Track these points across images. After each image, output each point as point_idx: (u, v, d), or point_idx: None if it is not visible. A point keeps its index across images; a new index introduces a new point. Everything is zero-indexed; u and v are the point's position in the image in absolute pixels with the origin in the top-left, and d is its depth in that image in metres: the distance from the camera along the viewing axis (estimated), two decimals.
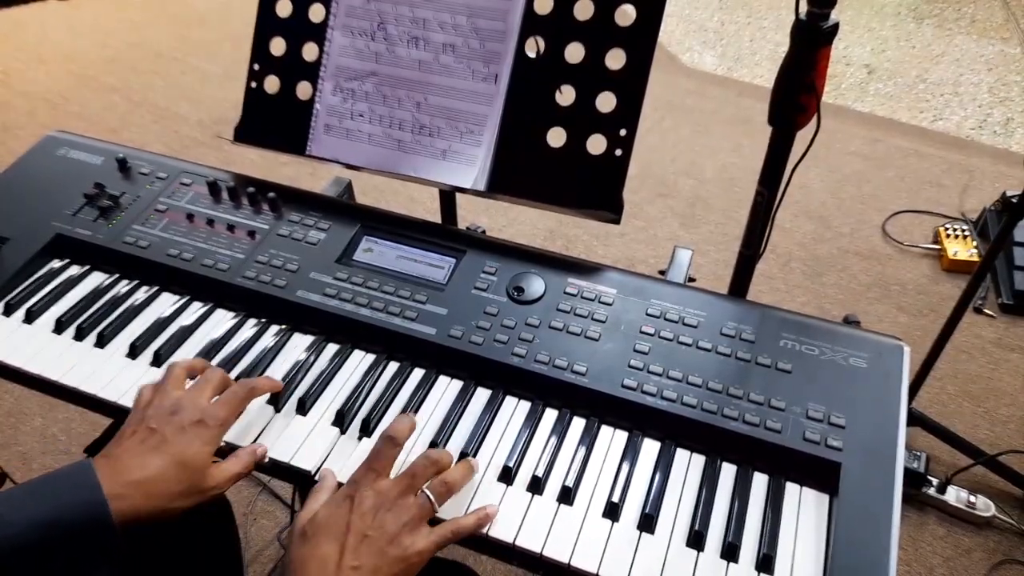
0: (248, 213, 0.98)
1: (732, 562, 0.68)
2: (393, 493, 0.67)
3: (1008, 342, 1.98)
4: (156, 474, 0.66)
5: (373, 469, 0.68)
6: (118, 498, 0.63)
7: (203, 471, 0.69)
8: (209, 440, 0.70)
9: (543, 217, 2.35)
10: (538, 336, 0.83)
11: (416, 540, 0.65)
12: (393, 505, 0.66)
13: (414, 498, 0.68)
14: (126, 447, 0.68)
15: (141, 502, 0.65)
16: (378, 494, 0.66)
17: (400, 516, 0.66)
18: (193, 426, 0.70)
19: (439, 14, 0.95)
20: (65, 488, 0.64)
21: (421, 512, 0.67)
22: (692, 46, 3.39)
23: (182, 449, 0.68)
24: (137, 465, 0.67)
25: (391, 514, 0.65)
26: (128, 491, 0.64)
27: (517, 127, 0.94)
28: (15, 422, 1.78)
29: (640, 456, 0.76)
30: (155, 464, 0.67)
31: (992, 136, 2.77)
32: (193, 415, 0.71)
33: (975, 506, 1.57)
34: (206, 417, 0.71)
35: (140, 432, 0.69)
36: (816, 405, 0.76)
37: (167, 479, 0.67)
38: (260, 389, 0.78)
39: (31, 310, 0.89)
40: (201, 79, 3.14)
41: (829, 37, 1.00)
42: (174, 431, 0.69)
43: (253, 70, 1.04)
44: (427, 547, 0.66)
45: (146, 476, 0.66)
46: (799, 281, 2.17)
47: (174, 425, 0.70)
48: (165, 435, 0.69)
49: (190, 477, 0.68)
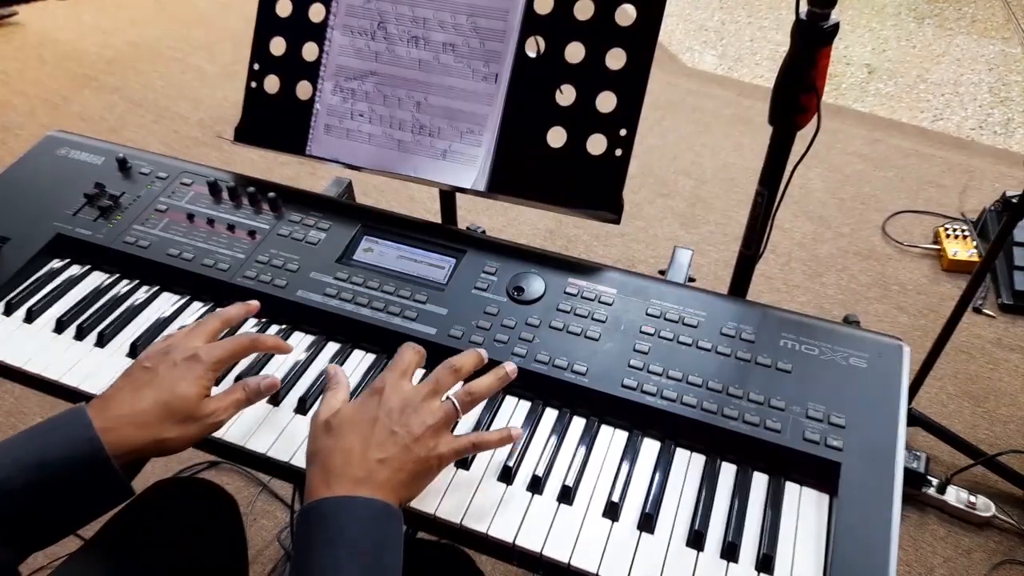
0: (248, 213, 0.98)
1: (732, 562, 0.68)
2: (419, 396, 0.68)
3: (1008, 342, 1.98)
4: (146, 406, 0.67)
5: (399, 370, 0.70)
6: (110, 431, 0.64)
7: (196, 400, 0.69)
8: (201, 373, 0.70)
9: (543, 217, 2.35)
10: (538, 336, 0.83)
11: (439, 443, 0.67)
12: (419, 407, 0.67)
13: (439, 403, 0.69)
14: (119, 386, 0.70)
15: (133, 433, 0.65)
16: (404, 395, 0.68)
17: (425, 418, 0.67)
18: (185, 360, 0.71)
19: (439, 13, 0.95)
20: (56, 430, 0.64)
21: (446, 417, 0.68)
22: (692, 46, 3.39)
23: (173, 381, 0.69)
24: (128, 399, 0.67)
25: (417, 415, 0.67)
26: (119, 424, 0.65)
27: (517, 127, 0.94)
28: (15, 422, 1.78)
29: (640, 456, 0.76)
30: (145, 396, 0.68)
31: (992, 136, 2.77)
32: (186, 352, 0.71)
33: (975, 506, 1.57)
34: (200, 353, 0.71)
35: (134, 371, 0.71)
36: (816, 405, 0.76)
37: (157, 409, 0.67)
38: (264, 343, 0.78)
39: (31, 310, 0.89)
40: (201, 79, 3.14)
41: (829, 37, 1.00)
42: (167, 366, 0.70)
43: (253, 70, 1.04)
44: (448, 452, 0.67)
45: (136, 408, 0.67)
46: (799, 281, 2.17)
47: (167, 361, 0.71)
48: (157, 370, 0.70)
49: (182, 405, 0.68)
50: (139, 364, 0.71)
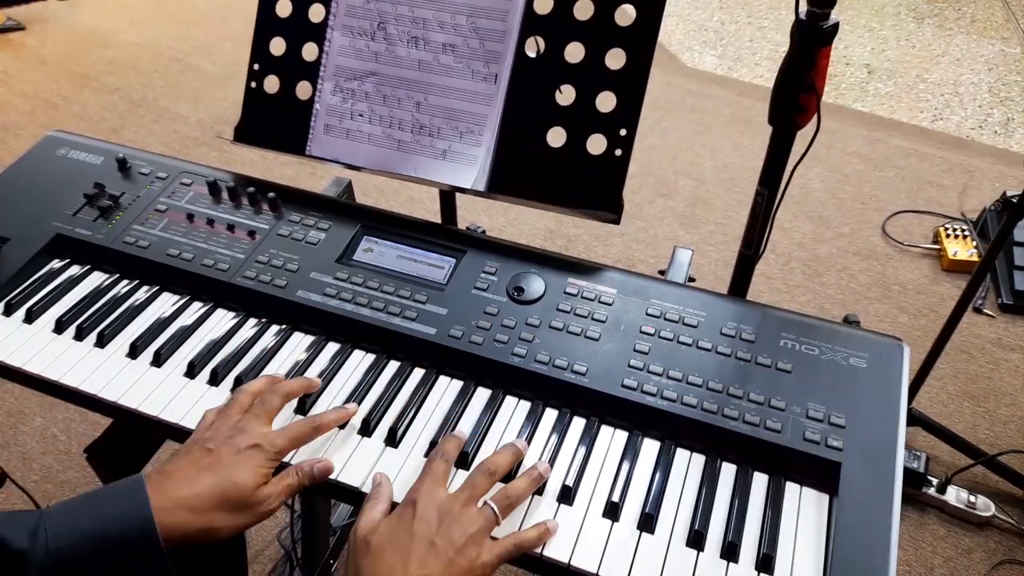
0: (248, 213, 0.98)
1: (732, 562, 0.68)
2: (456, 504, 0.66)
3: (1008, 342, 1.98)
4: (204, 491, 0.66)
5: (433, 480, 0.68)
6: (164, 512, 0.63)
7: (251, 491, 0.68)
8: (263, 463, 0.70)
9: (543, 217, 2.35)
10: (538, 336, 0.83)
11: (482, 552, 0.64)
12: (458, 515, 0.65)
13: (477, 510, 0.67)
14: (180, 465, 0.69)
15: (187, 518, 0.65)
16: (440, 504, 0.66)
17: (466, 527, 0.65)
18: (249, 449, 0.70)
19: (439, 14, 0.95)
20: (114, 501, 0.64)
21: (486, 524, 0.66)
22: (692, 46, 3.39)
23: (234, 469, 0.68)
24: (188, 482, 0.67)
25: (458, 524, 0.65)
26: (175, 506, 0.64)
27: (517, 127, 0.94)
28: (15, 422, 1.78)
29: (640, 456, 0.76)
30: (205, 481, 0.67)
31: (992, 136, 2.77)
32: (250, 439, 0.71)
33: (975, 506, 1.57)
34: (263, 442, 0.71)
35: (196, 452, 0.70)
36: (816, 405, 0.76)
37: (214, 496, 0.66)
38: (326, 426, 0.76)
39: (31, 310, 0.89)
40: (201, 79, 3.14)
41: (829, 37, 1.00)
42: (229, 452, 0.69)
43: (253, 70, 1.04)
44: (492, 560, 0.65)
45: (194, 492, 0.66)
46: (799, 281, 2.17)
47: (230, 447, 0.70)
48: (220, 455, 0.69)
49: (238, 495, 0.67)
50: (202, 444, 0.70)
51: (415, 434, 0.78)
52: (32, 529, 0.60)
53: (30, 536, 0.60)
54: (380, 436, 0.78)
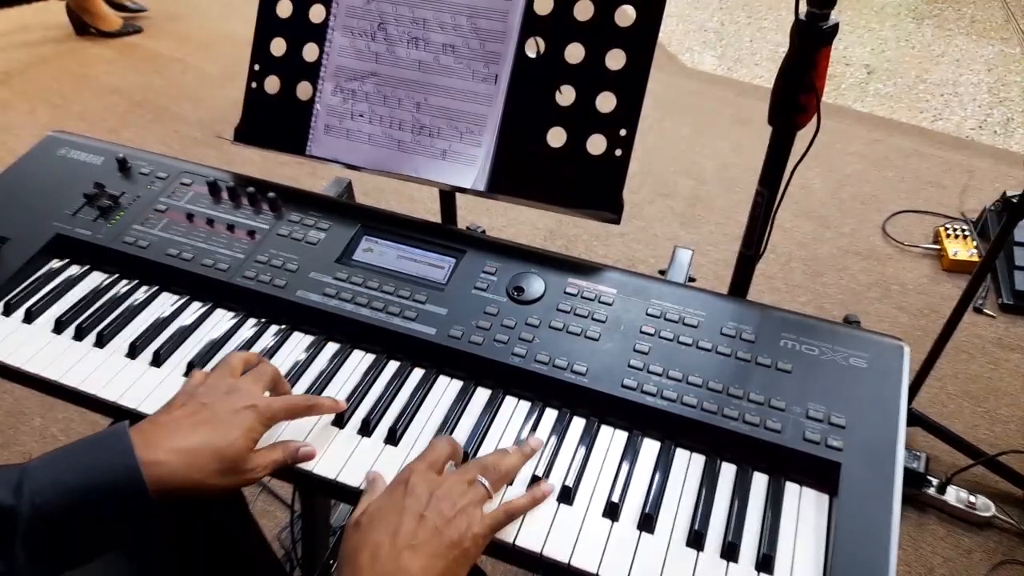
0: (248, 213, 0.98)
1: (732, 562, 0.68)
2: (447, 481, 0.67)
3: (1008, 342, 1.98)
4: (199, 445, 0.66)
5: (428, 463, 0.69)
6: (156, 464, 0.63)
7: (244, 453, 0.68)
8: (255, 426, 0.70)
9: (543, 217, 2.35)
10: (538, 336, 0.83)
11: (472, 523, 0.64)
12: (449, 490, 0.66)
13: (468, 484, 0.67)
14: (174, 416, 0.68)
15: (179, 470, 0.64)
16: (431, 480, 0.66)
17: (456, 500, 0.65)
18: (245, 409, 0.70)
19: (439, 14, 0.95)
20: (97, 452, 0.63)
21: (477, 496, 0.66)
22: (692, 46, 3.39)
23: (229, 428, 0.68)
24: (182, 433, 0.66)
25: (446, 498, 0.65)
26: (168, 457, 0.64)
27: (517, 127, 0.94)
28: (15, 422, 1.78)
29: (640, 456, 0.76)
30: (200, 435, 0.66)
31: (992, 136, 2.77)
32: (247, 399, 0.71)
33: (975, 506, 1.57)
34: (260, 404, 0.71)
35: (190, 405, 0.69)
36: (816, 405, 0.76)
37: (209, 453, 0.66)
38: (321, 407, 0.77)
39: (31, 310, 0.89)
40: (201, 79, 3.14)
41: (829, 37, 1.00)
42: (226, 410, 0.69)
43: (253, 70, 1.04)
44: (483, 531, 0.65)
45: (189, 445, 0.65)
46: (799, 281, 2.17)
47: (227, 404, 0.69)
48: (216, 411, 0.69)
49: (232, 455, 0.67)
50: (196, 399, 0.70)
51: (415, 433, 0.78)
52: (16, 485, 0.59)
53: (14, 492, 0.59)
54: (380, 436, 0.78)
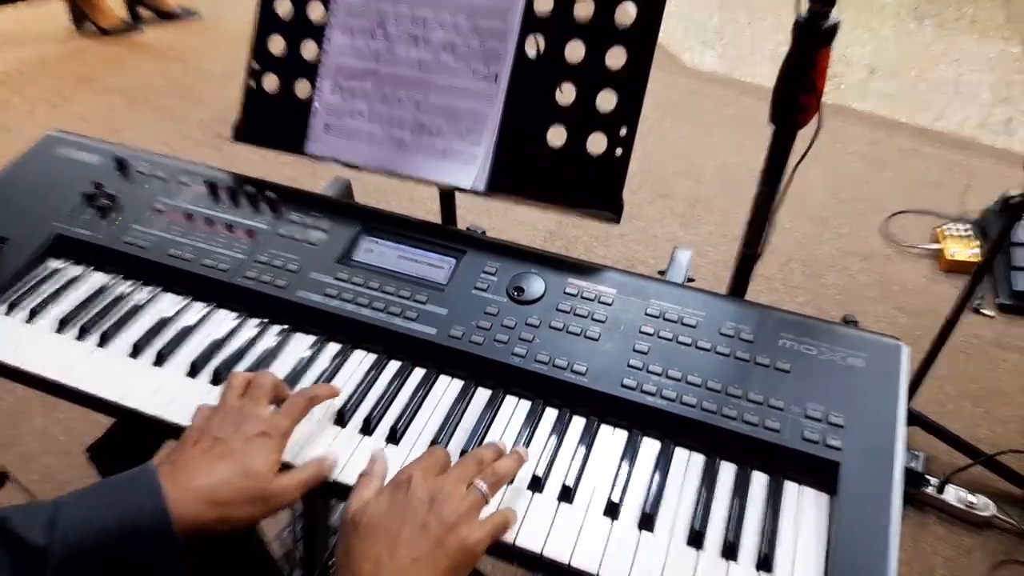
0: (248, 213, 0.98)
1: (732, 561, 0.68)
2: (447, 484, 0.67)
3: (1007, 342, 1.98)
4: (221, 481, 0.66)
5: (426, 467, 0.69)
6: (180, 503, 0.63)
7: (268, 480, 0.68)
8: (274, 449, 0.70)
9: (543, 217, 2.35)
10: (538, 336, 0.83)
11: (472, 530, 0.65)
12: (448, 496, 0.66)
13: (467, 489, 0.67)
14: (191, 454, 0.68)
15: (204, 509, 0.64)
16: (431, 485, 0.66)
17: (456, 506, 0.65)
18: (258, 437, 0.70)
19: (439, 13, 0.95)
20: (127, 493, 0.63)
21: (475, 502, 0.67)
22: (692, 46, 3.39)
23: (249, 459, 0.68)
24: (203, 472, 0.66)
25: (446, 504, 0.65)
26: (191, 497, 0.64)
27: (517, 126, 0.94)
28: (15, 422, 1.78)
29: (640, 455, 0.76)
30: (221, 471, 0.66)
31: (993, 136, 2.77)
32: (257, 426, 0.71)
33: (975, 506, 1.57)
34: (269, 428, 0.71)
35: (204, 441, 0.69)
36: (815, 405, 0.76)
37: (232, 487, 0.66)
38: (320, 398, 0.78)
39: (33, 310, 0.89)
40: (201, 79, 3.14)
41: (829, 37, 1.00)
42: (239, 441, 0.69)
43: (252, 69, 1.04)
44: (483, 537, 0.65)
45: (211, 483, 0.65)
46: (798, 281, 2.17)
47: (240, 435, 0.69)
48: (231, 444, 0.69)
49: (256, 485, 0.67)
50: (210, 433, 0.70)
51: (415, 433, 0.78)
52: (48, 524, 0.60)
53: (47, 531, 0.59)
54: (381, 435, 0.78)
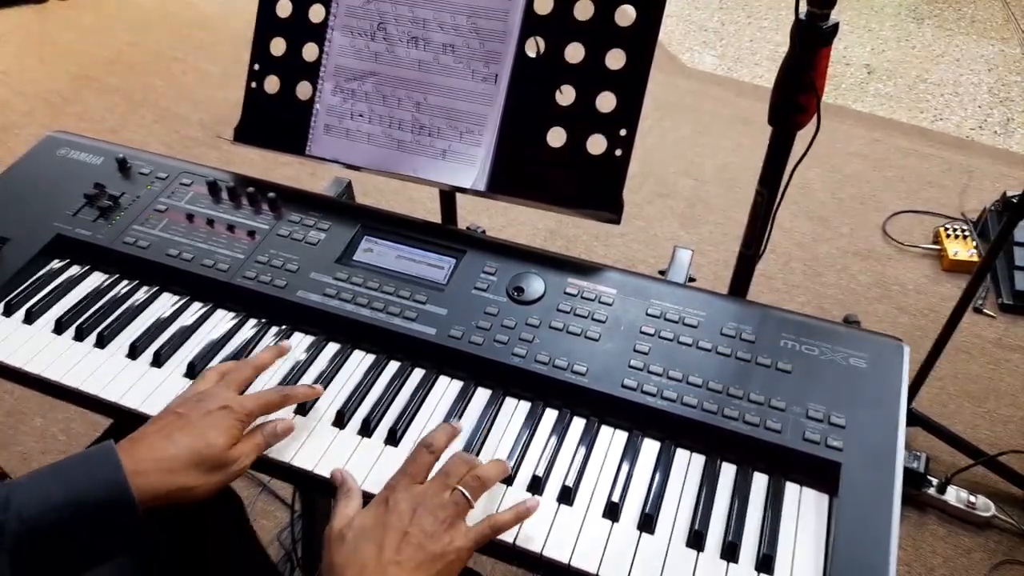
0: (248, 213, 0.98)
1: (732, 562, 0.68)
2: (429, 492, 0.67)
3: (1008, 342, 1.98)
4: (178, 451, 0.67)
5: (408, 474, 0.69)
6: (138, 474, 0.64)
7: (223, 449, 0.70)
8: (232, 423, 0.71)
9: (543, 217, 2.35)
10: (538, 336, 0.83)
11: (455, 537, 0.65)
12: (430, 503, 0.66)
13: (449, 495, 0.68)
14: (151, 430, 0.70)
15: (162, 478, 0.66)
16: (414, 495, 0.67)
17: (438, 513, 0.66)
18: (219, 410, 0.71)
19: (439, 14, 0.95)
20: (85, 468, 0.64)
21: (458, 509, 0.67)
22: (692, 46, 3.39)
23: (206, 429, 0.69)
24: (159, 443, 0.68)
25: (429, 512, 0.65)
26: (148, 467, 0.65)
27: (517, 127, 0.94)
28: (15, 422, 1.78)
29: (640, 456, 0.76)
30: (178, 442, 0.68)
31: (992, 136, 2.77)
32: (219, 401, 0.72)
33: (975, 506, 1.57)
34: (232, 404, 0.72)
35: (166, 417, 0.71)
36: (816, 405, 0.76)
37: (188, 456, 0.67)
38: (295, 397, 0.78)
39: (31, 310, 0.89)
40: (201, 79, 3.14)
41: (829, 37, 1.00)
42: (199, 414, 0.71)
43: (253, 70, 1.04)
44: (467, 544, 0.66)
45: (167, 453, 0.67)
46: (799, 281, 2.17)
47: (200, 409, 0.71)
48: (190, 418, 0.70)
49: (211, 453, 0.69)
50: (171, 410, 0.72)
51: (415, 434, 0.78)
52: (2, 501, 0.60)
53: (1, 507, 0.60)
54: (380, 436, 0.78)
